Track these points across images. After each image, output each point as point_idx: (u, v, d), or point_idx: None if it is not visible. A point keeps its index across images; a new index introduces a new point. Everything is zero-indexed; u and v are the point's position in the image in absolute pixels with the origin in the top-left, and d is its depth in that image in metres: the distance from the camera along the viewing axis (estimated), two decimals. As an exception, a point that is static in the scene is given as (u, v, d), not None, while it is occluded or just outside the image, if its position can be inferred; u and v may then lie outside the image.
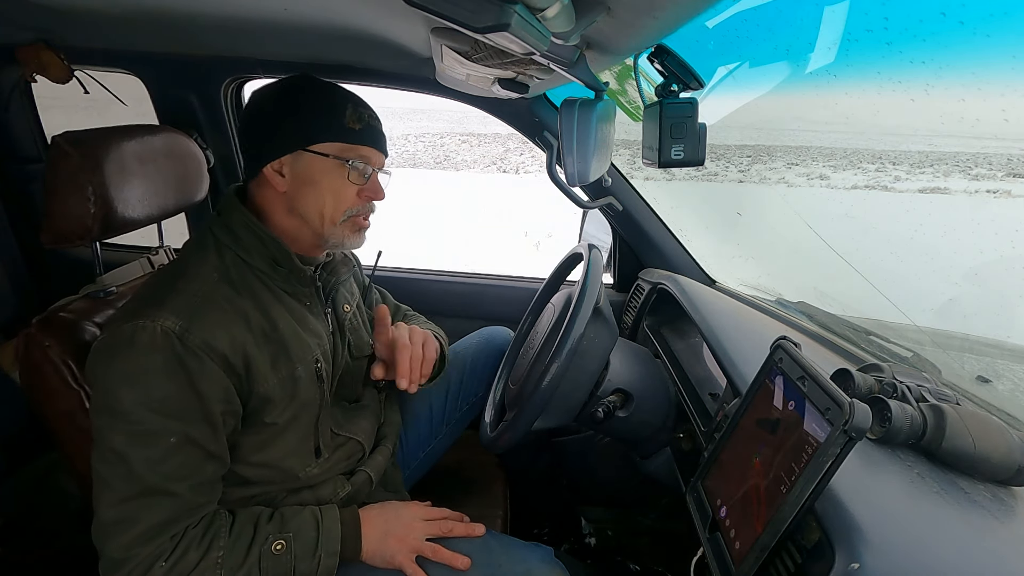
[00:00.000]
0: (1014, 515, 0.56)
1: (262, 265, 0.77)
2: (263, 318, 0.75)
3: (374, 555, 0.79)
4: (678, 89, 0.71)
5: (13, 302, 1.43)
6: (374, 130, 0.81)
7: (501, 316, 1.45)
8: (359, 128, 0.79)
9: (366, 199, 0.82)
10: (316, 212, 0.78)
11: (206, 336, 0.68)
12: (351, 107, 0.79)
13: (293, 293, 0.81)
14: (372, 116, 0.82)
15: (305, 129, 0.77)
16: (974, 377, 0.85)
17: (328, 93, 0.80)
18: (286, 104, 0.78)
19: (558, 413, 0.93)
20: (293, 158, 0.77)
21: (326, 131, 0.77)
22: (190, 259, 0.76)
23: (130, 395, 0.65)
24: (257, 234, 0.77)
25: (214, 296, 0.72)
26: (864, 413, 0.47)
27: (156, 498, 0.66)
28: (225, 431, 0.72)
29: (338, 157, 0.77)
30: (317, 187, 0.78)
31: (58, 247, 0.90)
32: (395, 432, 1.01)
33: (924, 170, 3.68)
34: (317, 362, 0.81)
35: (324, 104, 0.78)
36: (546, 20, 0.43)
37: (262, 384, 0.73)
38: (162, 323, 0.66)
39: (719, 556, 0.59)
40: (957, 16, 0.74)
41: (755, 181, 5.80)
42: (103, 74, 1.30)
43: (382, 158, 0.84)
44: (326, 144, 0.77)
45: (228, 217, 0.78)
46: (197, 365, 0.67)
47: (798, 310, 1.16)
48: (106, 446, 0.66)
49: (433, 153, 19.23)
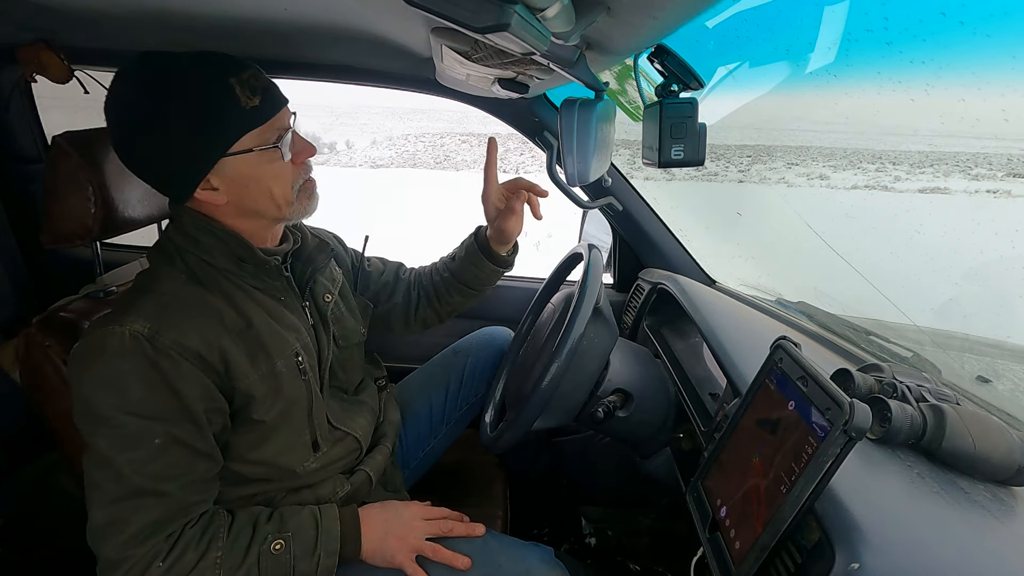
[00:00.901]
0: (1014, 515, 0.56)
1: (227, 264, 0.75)
2: (237, 315, 0.74)
3: (374, 554, 0.79)
4: (678, 89, 0.71)
5: (13, 302, 1.43)
6: (269, 91, 0.72)
7: (501, 316, 1.45)
8: (259, 102, 0.70)
9: (302, 163, 0.78)
10: (269, 204, 0.75)
11: (177, 336, 0.67)
12: (237, 83, 0.68)
13: (265, 289, 0.79)
14: (257, 75, 0.71)
15: (211, 138, 0.68)
16: (974, 377, 0.85)
17: (204, 78, 0.67)
18: (171, 118, 0.67)
19: (558, 413, 0.93)
20: (217, 169, 0.70)
21: (232, 128, 0.69)
22: (156, 266, 0.75)
23: (107, 400, 0.65)
24: (215, 234, 0.74)
25: (183, 296, 0.71)
26: (864, 413, 0.47)
27: (146, 499, 0.66)
28: (213, 429, 0.71)
29: (262, 147, 0.71)
30: (259, 183, 0.73)
31: (58, 247, 0.90)
32: (394, 431, 1.01)
33: (924, 170, 3.68)
34: (297, 356, 0.79)
35: (211, 98, 0.67)
36: (546, 20, 0.43)
37: (243, 380, 0.73)
38: (131, 327, 0.66)
39: (719, 556, 0.59)
40: (957, 16, 0.74)
41: (755, 181, 5.80)
42: (103, 74, 1.30)
43: (288, 110, 0.75)
44: (242, 140, 0.70)
45: (180, 222, 0.75)
46: (171, 366, 0.66)
47: (798, 310, 1.16)
48: (93, 450, 0.66)
49: (433, 153, 19.21)
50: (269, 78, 0.74)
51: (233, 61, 0.70)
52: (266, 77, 0.74)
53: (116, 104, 0.70)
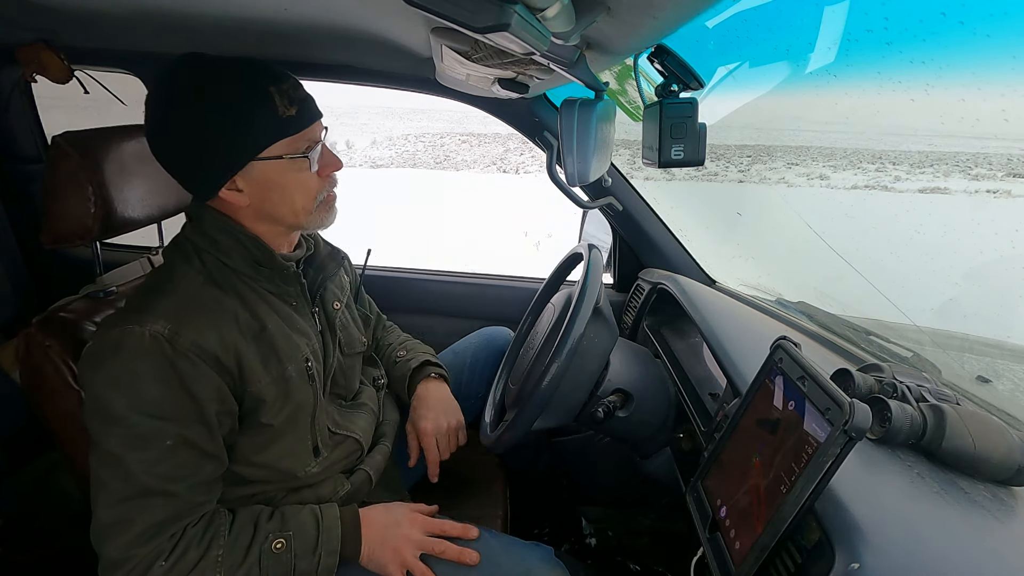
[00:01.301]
0: (1014, 515, 0.56)
1: (244, 267, 0.76)
2: (251, 318, 0.74)
3: (369, 559, 0.79)
4: (678, 89, 0.71)
5: (13, 302, 1.43)
6: (306, 103, 0.74)
7: (501, 316, 1.45)
8: (295, 112, 0.72)
9: (328, 176, 0.79)
10: (289, 212, 0.76)
11: (196, 337, 0.67)
12: (276, 92, 0.70)
13: (279, 294, 0.80)
14: (295, 87, 0.74)
15: (244, 142, 0.70)
16: (974, 377, 0.85)
17: (245, 86, 0.70)
18: (208, 117, 0.69)
19: (558, 413, 0.93)
20: (244, 171, 0.72)
21: (266, 134, 0.71)
22: (173, 264, 0.75)
23: (122, 400, 0.65)
24: (235, 236, 0.75)
25: (201, 297, 0.71)
26: (864, 413, 0.47)
27: (153, 499, 0.66)
28: (222, 431, 0.72)
29: (293, 155, 0.73)
30: (283, 190, 0.74)
31: (58, 247, 0.90)
32: (394, 430, 1.01)
33: (924, 170, 3.68)
34: (307, 361, 0.80)
35: (249, 104, 0.69)
36: (546, 20, 0.43)
37: (255, 384, 0.73)
38: (151, 327, 0.66)
39: (719, 556, 0.59)
40: (957, 16, 0.74)
41: (755, 181, 5.80)
42: (103, 74, 1.30)
43: (321, 124, 0.77)
44: (274, 146, 0.71)
45: (201, 222, 0.75)
46: (189, 367, 0.67)
47: (798, 310, 1.16)
48: (102, 449, 0.66)
49: (433, 153, 19.23)
50: (307, 91, 0.76)
51: (275, 71, 0.72)
52: (305, 90, 0.75)
53: (158, 98, 0.72)
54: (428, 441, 0.99)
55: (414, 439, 1.01)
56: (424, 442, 0.99)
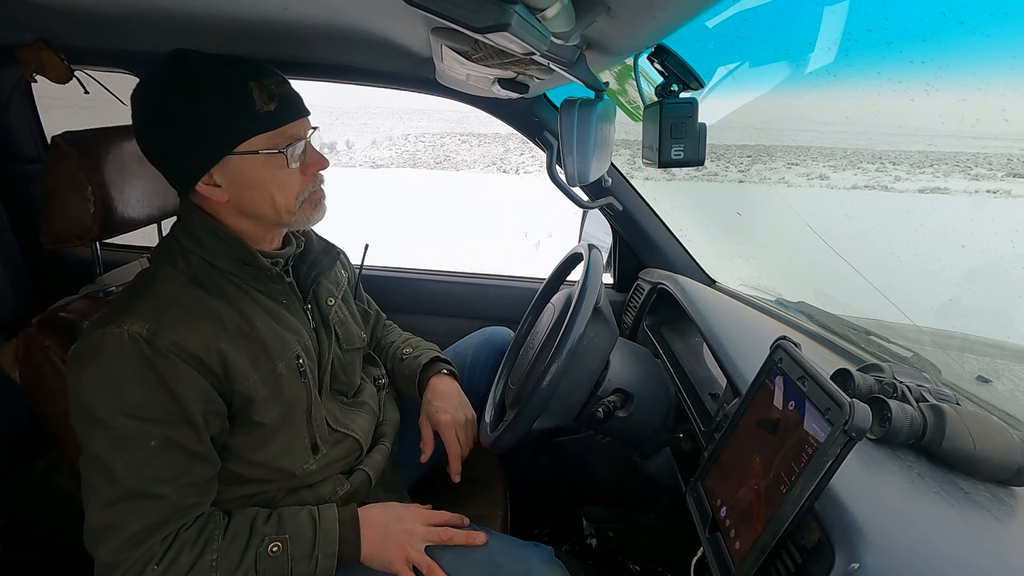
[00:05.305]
0: (1014, 515, 0.56)
1: (230, 266, 0.75)
2: (239, 317, 0.74)
3: (372, 558, 0.79)
4: (678, 89, 0.71)
5: (13, 302, 1.43)
6: (289, 99, 0.73)
7: (501, 316, 1.45)
8: (274, 108, 0.71)
9: (312, 174, 0.78)
10: (269, 209, 0.75)
11: (175, 337, 0.67)
12: (256, 87, 0.70)
13: (267, 292, 0.79)
14: (280, 83, 0.73)
15: (220, 135, 0.70)
16: (974, 377, 0.85)
17: (224, 78, 0.69)
18: (186, 111, 0.69)
19: (558, 413, 0.93)
20: (221, 166, 0.71)
21: (243, 128, 0.70)
22: (158, 265, 0.75)
23: (103, 402, 0.65)
24: (219, 236, 0.75)
25: (182, 298, 0.71)
26: (864, 413, 0.47)
27: (142, 501, 0.66)
28: (211, 432, 0.71)
29: (268, 151, 0.72)
30: (260, 186, 0.73)
31: (58, 247, 0.90)
32: (394, 431, 1.00)
33: (924, 170, 3.69)
34: (298, 358, 0.80)
35: (227, 96, 0.69)
36: (546, 20, 0.43)
37: (243, 382, 0.73)
38: (128, 328, 0.65)
39: (719, 556, 0.59)
40: (957, 16, 0.74)
41: (755, 181, 5.80)
42: (103, 74, 1.30)
43: (308, 122, 0.77)
44: (250, 141, 0.71)
45: (189, 222, 0.75)
46: (169, 367, 0.66)
47: (798, 310, 1.16)
48: (89, 452, 0.66)
49: (433, 153, 19.23)
50: (294, 89, 0.75)
51: (258, 66, 0.72)
52: (290, 87, 0.75)
53: (143, 92, 0.73)
54: (448, 433, 0.98)
55: (429, 432, 1.00)
56: (445, 435, 0.98)
